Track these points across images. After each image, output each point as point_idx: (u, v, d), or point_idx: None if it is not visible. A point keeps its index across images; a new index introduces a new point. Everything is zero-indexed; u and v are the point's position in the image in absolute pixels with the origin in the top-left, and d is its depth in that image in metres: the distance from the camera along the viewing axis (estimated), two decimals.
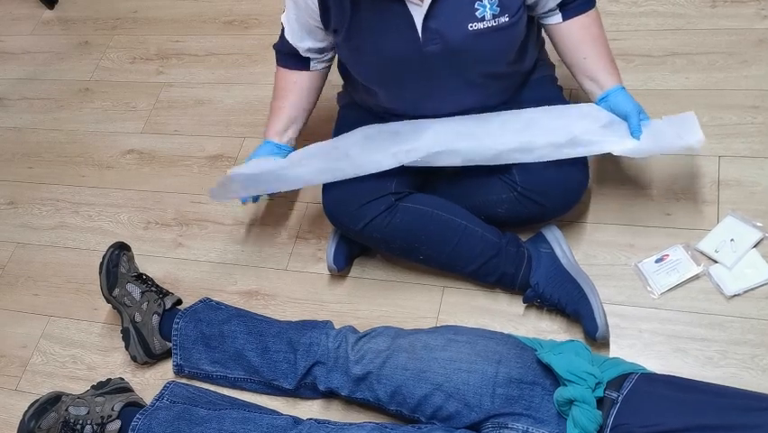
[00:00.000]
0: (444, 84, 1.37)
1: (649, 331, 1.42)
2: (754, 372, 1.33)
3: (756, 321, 1.38)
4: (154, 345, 1.56)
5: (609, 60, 1.39)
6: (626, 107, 1.35)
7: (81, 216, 1.94)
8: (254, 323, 1.52)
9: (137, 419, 1.39)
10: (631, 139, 1.34)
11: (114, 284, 1.59)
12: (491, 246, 1.46)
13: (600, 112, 1.37)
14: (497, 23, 1.28)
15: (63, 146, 2.11)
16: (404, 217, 1.43)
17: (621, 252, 1.52)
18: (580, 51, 1.39)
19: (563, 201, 1.47)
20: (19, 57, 2.41)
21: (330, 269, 1.59)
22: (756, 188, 1.53)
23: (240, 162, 1.90)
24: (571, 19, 1.37)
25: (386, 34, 1.30)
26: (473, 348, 1.31)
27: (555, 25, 1.39)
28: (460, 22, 1.27)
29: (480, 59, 1.33)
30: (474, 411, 1.26)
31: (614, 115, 1.36)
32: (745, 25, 1.77)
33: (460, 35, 1.28)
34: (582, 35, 1.38)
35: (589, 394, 1.18)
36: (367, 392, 1.37)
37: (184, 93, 2.12)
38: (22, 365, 1.69)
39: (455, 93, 1.39)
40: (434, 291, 1.57)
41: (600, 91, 1.38)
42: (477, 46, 1.29)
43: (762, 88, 1.66)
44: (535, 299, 1.45)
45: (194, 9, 2.34)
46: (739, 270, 1.43)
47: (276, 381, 1.46)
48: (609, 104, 1.37)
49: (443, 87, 1.38)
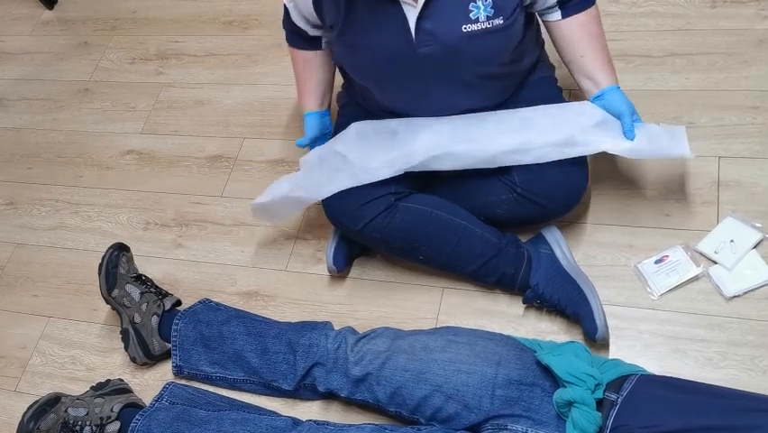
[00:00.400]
0: (440, 85, 1.37)
1: (649, 332, 1.41)
2: (754, 373, 1.33)
3: (756, 322, 1.38)
4: (153, 346, 1.55)
5: (607, 60, 1.40)
6: (619, 107, 1.36)
7: (80, 216, 1.94)
8: (254, 324, 1.52)
9: (136, 420, 1.39)
10: (626, 138, 1.35)
11: (113, 285, 1.59)
12: (491, 247, 1.46)
13: (594, 109, 1.38)
14: (491, 25, 1.28)
15: (62, 147, 2.11)
16: (404, 217, 1.43)
17: (621, 252, 1.52)
18: (577, 49, 1.39)
19: (563, 202, 1.46)
20: (18, 57, 2.41)
21: (330, 270, 1.59)
22: (756, 188, 1.53)
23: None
24: (571, 17, 1.37)
25: (380, 34, 1.30)
26: (473, 349, 1.31)
27: (554, 22, 1.39)
28: (453, 23, 1.27)
29: (473, 60, 1.32)
30: (474, 413, 1.26)
31: (607, 113, 1.37)
32: (744, 26, 1.77)
33: (453, 36, 1.28)
34: (581, 33, 1.38)
35: (588, 396, 1.18)
36: (366, 394, 1.37)
37: (183, 93, 2.12)
38: (21, 366, 1.69)
39: (451, 94, 1.39)
40: (433, 292, 1.57)
41: (596, 89, 1.39)
42: (470, 47, 1.29)
43: (762, 89, 1.66)
44: (535, 299, 1.45)
45: (193, 9, 2.34)
46: (739, 271, 1.43)
47: (275, 382, 1.46)
48: (604, 102, 1.37)
49: (439, 89, 1.38)
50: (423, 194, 1.49)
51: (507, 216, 1.49)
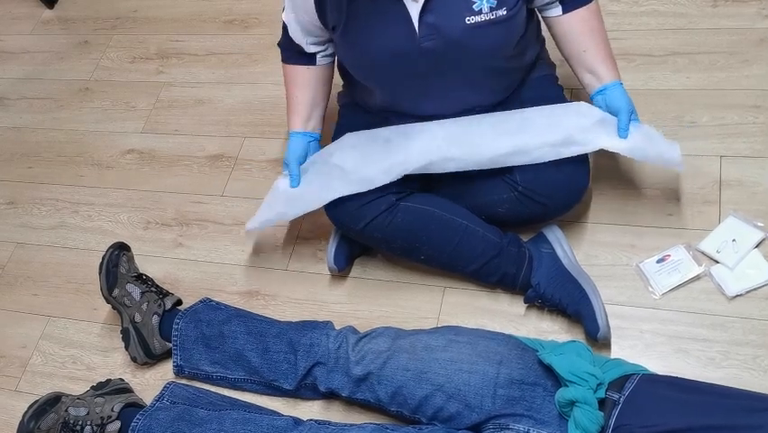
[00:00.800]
0: (443, 81, 1.36)
1: (650, 332, 1.41)
2: (756, 372, 1.33)
3: (758, 322, 1.38)
4: (154, 346, 1.55)
5: (608, 54, 1.39)
6: (619, 103, 1.35)
7: (81, 215, 1.93)
8: (254, 323, 1.51)
9: (137, 420, 1.39)
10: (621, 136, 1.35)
11: (113, 284, 1.58)
12: (492, 246, 1.46)
13: (592, 110, 1.37)
14: (494, 17, 1.27)
15: (63, 146, 2.11)
16: (405, 217, 1.43)
17: (622, 252, 1.51)
18: (579, 44, 1.38)
19: (565, 201, 1.46)
20: (19, 56, 2.41)
21: (330, 269, 1.58)
22: (758, 188, 1.52)
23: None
24: (571, 12, 1.37)
25: (382, 30, 1.30)
26: (474, 349, 1.31)
27: (555, 18, 1.38)
28: (457, 15, 1.27)
29: (478, 53, 1.32)
30: (475, 412, 1.25)
31: (605, 112, 1.37)
32: (746, 25, 1.77)
33: (457, 29, 1.27)
34: (582, 28, 1.38)
35: (590, 395, 1.18)
36: (367, 393, 1.36)
37: (184, 93, 2.12)
38: (21, 366, 1.68)
39: (455, 90, 1.39)
40: (435, 292, 1.56)
41: (599, 84, 1.38)
42: (474, 40, 1.29)
43: (763, 88, 1.65)
44: (536, 299, 1.44)
45: (194, 8, 2.33)
46: (741, 270, 1.43)
47: (276, 381, 1.46)
48: (605, 97, 1.37)
49: (443, 85, 1.37)
50: (424, 194, 1.49)
51: (509, 216, 1.49)
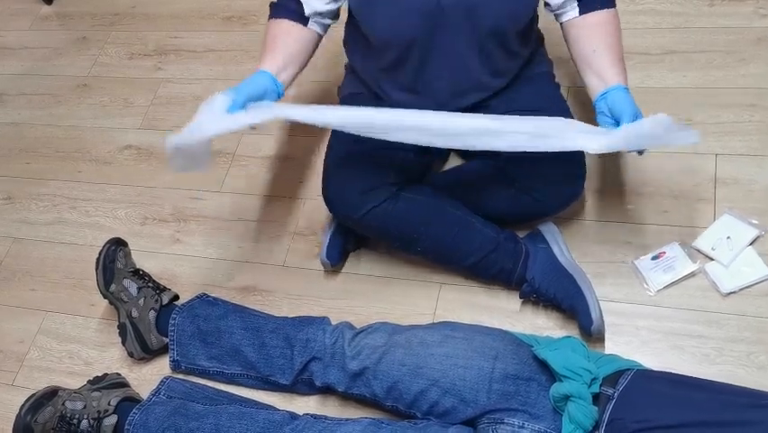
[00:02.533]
0: (453, 44, 1.34)
1: (646, 328, 1.42)
2: (750, 369, 1.34)
3: (752, 319, 1.38)
4: (151, 341, 1.55)
5: (619, 59, 1.33)
6: (622, 107, 1.24)
7: (78, 211, 1.93)
8: (251, 319, 1.52)
9: (134, 414, 1.39)
10: (604, 135, 1.22)
11: (110, 280, 1.59)
12: (490, 241, 1.46)
13: (582, 125, 1.27)
14: None
15: (61, 142, 2.11)
16: (404, 207, 1.43)
17: (618, 249, 1.52)
18: (590, 44, 1.33)
19: (561, 198, 1.47)
20: (17, 52, 2.41)
21: (323, 263, 1.59)
22: (753, 186, 1.53)
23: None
24: (588, 13, 1.33)
25: None
26: (470, 344, 1.31)
27: (571, 20, 1.34)
28: None
29: (494, 14, 1.29)
30: (470, 407, 1.26)
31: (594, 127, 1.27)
32: (743, 24, 1.77)
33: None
34: (596, 30, 1.34)
35: (584, 390, 1.18)
36: (363, 388, 1.37)
37: (182, 89, 2.12)
38: (18, 361, 1.69)
39: (463, 57, 1.36)
40: (431, 288, 1.57)
41: (603, 87, 1.29)
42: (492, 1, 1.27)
43: (759, 87, 1.66)
44: (532, 294, 1.45)
45: (192, 5, 2.33)
46: (735, 267, 1.43)
47: (272, 376, 1.46)
48: (608, 101, 1.27)
49: (452, 49, 1.35)
50: (423, 185, 1.49)
51: (506, 213, 1.49)
